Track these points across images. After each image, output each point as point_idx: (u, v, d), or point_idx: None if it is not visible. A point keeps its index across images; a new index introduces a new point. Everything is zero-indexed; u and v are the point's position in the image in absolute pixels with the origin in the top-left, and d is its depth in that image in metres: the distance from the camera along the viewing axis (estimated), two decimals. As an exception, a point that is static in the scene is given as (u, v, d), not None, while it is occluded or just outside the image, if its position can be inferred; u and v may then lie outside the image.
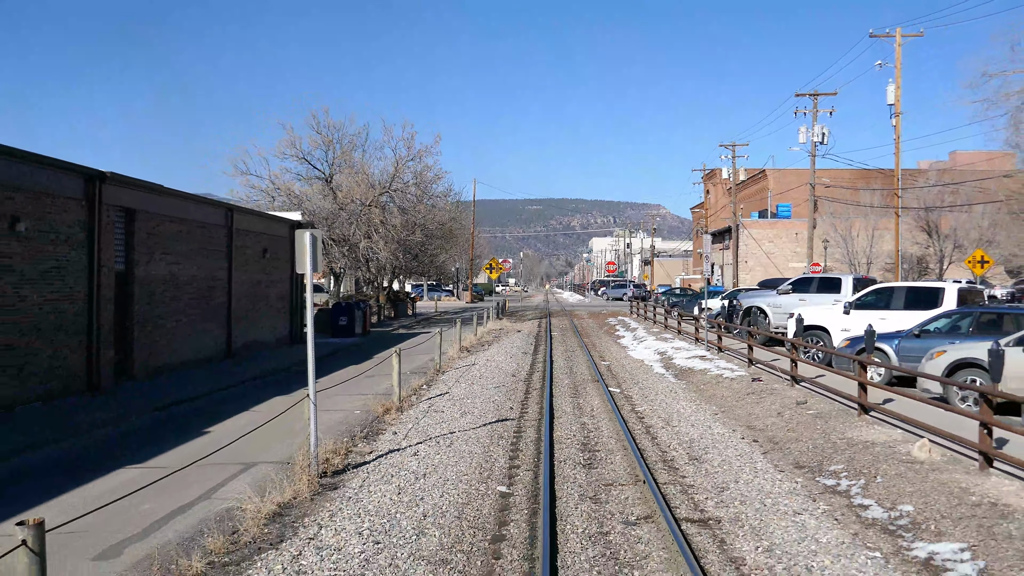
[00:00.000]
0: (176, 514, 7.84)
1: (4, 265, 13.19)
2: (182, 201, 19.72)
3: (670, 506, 7.68)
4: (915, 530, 6.77)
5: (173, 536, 7.11)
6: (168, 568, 6.21)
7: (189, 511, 7.93)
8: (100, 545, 6.90)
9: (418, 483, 8.66)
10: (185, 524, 7.49)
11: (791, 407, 12.28)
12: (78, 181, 15.28)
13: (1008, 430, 8.30)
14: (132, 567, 6.39)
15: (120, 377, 16.71)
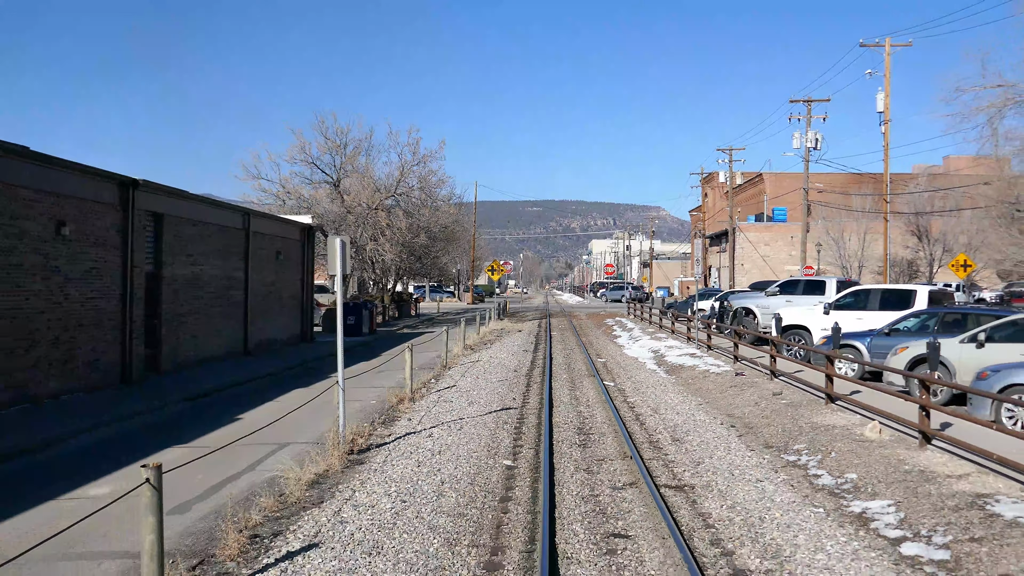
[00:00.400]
0: (227, 482, 9.16)
1: (52, 266, 14.52)
2: (204, 205, 21.06)
3: (652, 475, 9.01)
4: (855, 492, 8.11)
5: (229, 498, 8.41)
6: (232, 519, 7.52)
7: (238, 480, 9.25)
8: (170, 504, 8.20)
9: (434, 458, 9.98)
10: (237, 489, 8.81)
11: (768, 398, 13.62)
12: (114, 188, 16.62)
13: (944, 412, 9.64)
14: (202, 519, 7.71)
15: (149, 371, 18.05)
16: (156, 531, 5.56)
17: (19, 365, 13.60)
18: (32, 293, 13.95)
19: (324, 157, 33.71)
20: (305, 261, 28.72)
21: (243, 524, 7.30)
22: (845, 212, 48.90)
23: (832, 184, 57.38)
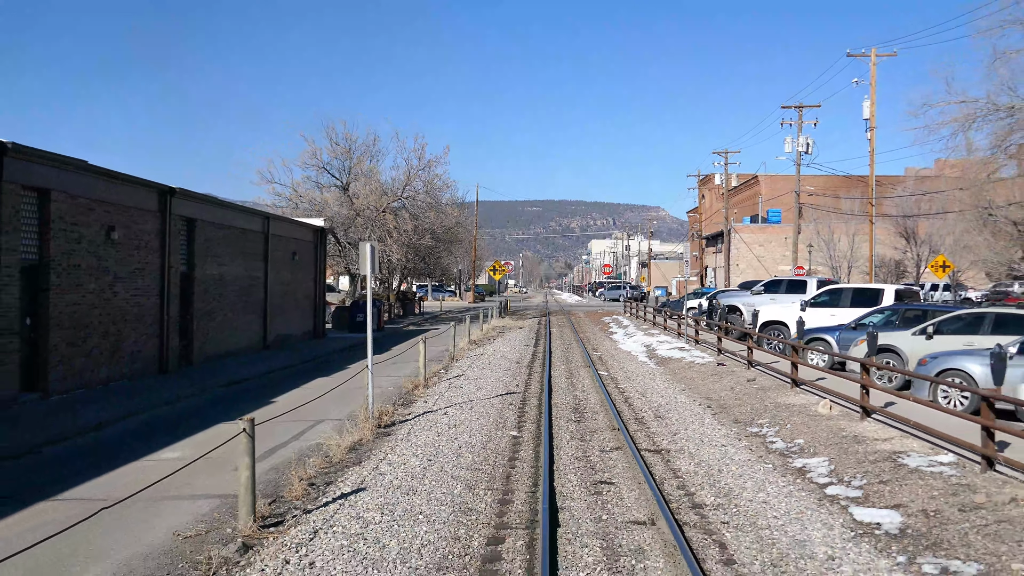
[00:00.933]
0: (278, 448, 10.95)
1: (103, 267, 16.33)
2: (229, 211, 22.87)
3: (635, 442, 10.81)
4: (800, 453, 9.92)
5: (283, 459, 10.21)
6: (293, 471, 9.31)
7: (287, 447, 11.04)
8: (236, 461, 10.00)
9: (451, 430, 11.79)
10: (288, 453, 10.60)
11: (743, 384, 15.44)
12: (154, 195, 18.43)
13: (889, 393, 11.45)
14: (266, 472, 9.50)
15: (182, 362, 19.86)
16: (250, 469, 7.37)
17: (78, 355, 15.41)
18: (88, 291, 15.76)
19: (333, 162, 35.59)
20: (317, 262, 30.53)
21: (302, 475, 9.09)
22: (835, 214, 50.72)
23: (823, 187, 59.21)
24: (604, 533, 7.08)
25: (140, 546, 6.94)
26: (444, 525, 7.32)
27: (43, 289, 14.52)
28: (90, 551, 6.76)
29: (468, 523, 7.40)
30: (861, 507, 7.69)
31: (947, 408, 10.65)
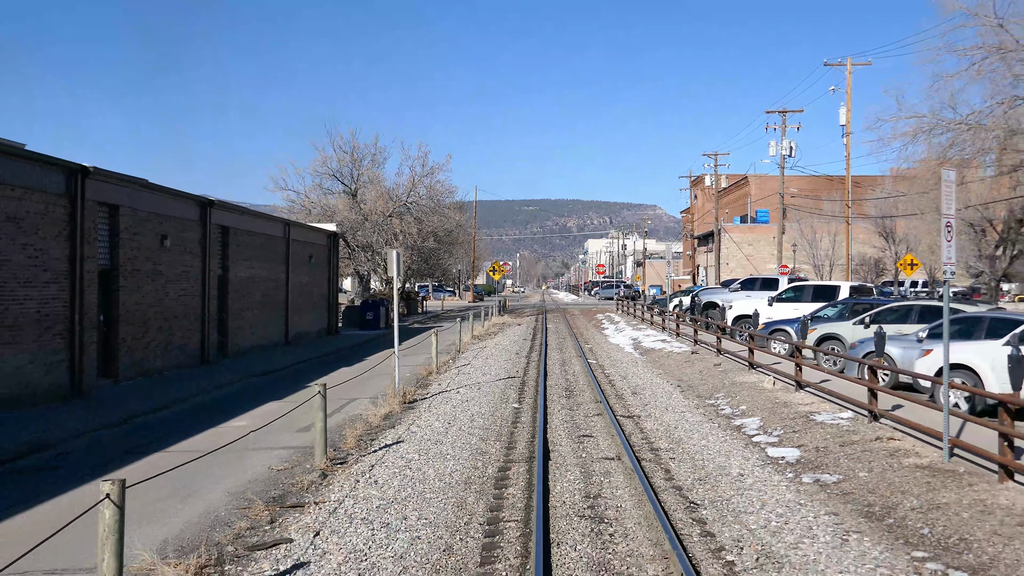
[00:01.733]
0: (340, 409, 13.65)
1: (158, 271, 19.03)
2: (257, 219, 25.59)
3: (613, 411, 13.55)
4: (741, 416, 12.68)
5: (332, 425, 12.86)
6: (342, 432, 12.00)
7: (331, 418, 13.70)
8: (294, 427, 12.71)
9: (463, 404, 14.52)
10: (333, 422, 13.27)
11: (710, 368, 18.21)
12: (196, 207, 21.13)
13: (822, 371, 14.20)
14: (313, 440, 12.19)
15: (219, 354, 22.57)
16: (323, 420, 10.09)
17: (139, 347, 18.12)
18: (147, 292, 18.47)
19: (342, 169, 38.31)
20: (331, 264, 33.24)
21: (352, 434, 11.81)
22: (818, 215, 53.50)
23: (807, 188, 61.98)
24: (583, 464, 9.82)
25: (246, 475, 9.67)
26: (466, 461, 10.05)
27: (114, 291, 17.23)
28: (210, 479, 9.48)
29: (483, 460, 10.13)
30: (774, 448, 10.43)
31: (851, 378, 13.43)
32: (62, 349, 15.31)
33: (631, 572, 6.22)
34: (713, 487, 8.70)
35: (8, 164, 13.83)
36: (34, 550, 5.21)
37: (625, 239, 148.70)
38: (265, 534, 7.33)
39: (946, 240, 9.48)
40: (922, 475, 8.41)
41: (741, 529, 7.25)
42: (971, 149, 21.74)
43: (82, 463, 10.54)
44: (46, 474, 10.04)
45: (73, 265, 15.53)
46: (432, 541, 6.99)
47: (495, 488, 8.77)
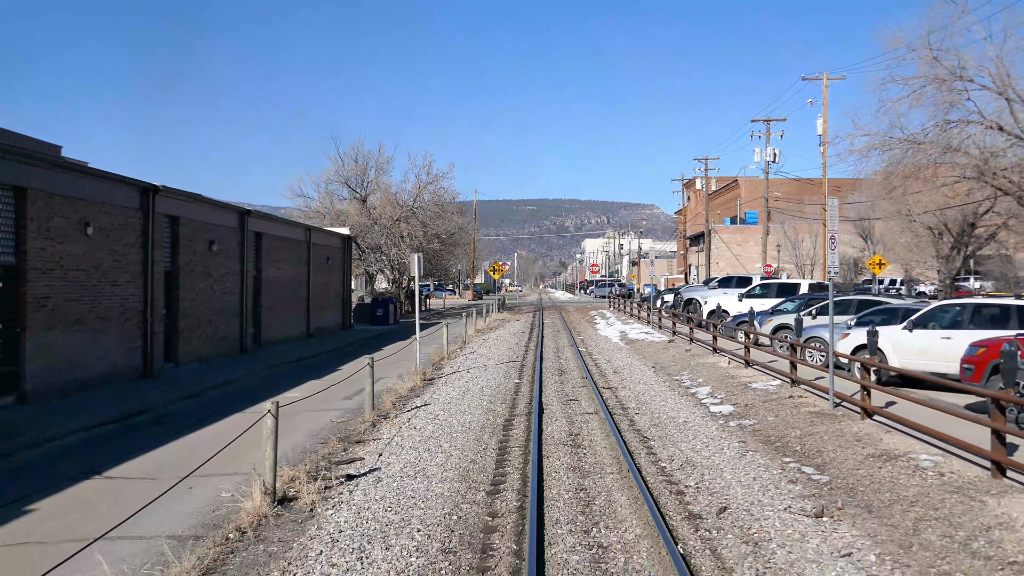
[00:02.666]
0: (359, 392, 16.88)
1: (206, 272, 22.26)
2: (284, 225, 28.83)
3: (596, 384, 16.82)
4: (697, 386, 15.96)
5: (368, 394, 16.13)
6: (380, 399, 15.23)
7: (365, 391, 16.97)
8: (339, 397, 15.95)
9: (474, 380, 17.78)
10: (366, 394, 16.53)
11: (682, 353, 21.49)
12: (235, 215, 24.37)
13: (765, 352, 17.47)
14: (360, 401, 15.46)
15: (254, 345, 25.80)
16: (371, 386, 13.35)
17: (193, 337, 21.35)
18: (198, 291, 21.71)
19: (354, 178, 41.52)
20: (345, 265, 36.48)
21: (387, 399, 15.06)
22: (800, 218, 56.81)
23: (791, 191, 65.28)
24: (569, 417, 13.10)
25: (316, 424, 12.92)
26: (480, 415, 13.31)
27: (175, 289, 20.47)
28: (290, 427, 12.70)
29: (492, 416, 13.39)
30: (715, 405, 13.71)
31: (809, 363, 16.67)
32: (137, 337, 18.56)
33: (597, 471, 9.47)
34: (663, 429, 11.98)
35: (101, 184, 17.08)
36: (204, 464, 8.46)
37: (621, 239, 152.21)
38: (343, 455, 10.58)
39: (830, 249, 12.71)
40: (810, 418, 11.69)
41: (675, 450, 10.52)
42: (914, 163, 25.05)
43: (180, 420, 13.80)
44: (157, 427, 13.29)
45: (146, 268, 18.77)
46: (461, 458, 10.25)
47: (503, 431, 12.03)
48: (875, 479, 8.47)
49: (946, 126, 23.65)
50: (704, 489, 8.60)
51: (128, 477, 9.86)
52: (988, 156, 23.29)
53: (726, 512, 7.74)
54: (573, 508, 7.92)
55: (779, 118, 53.46)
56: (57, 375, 15.48)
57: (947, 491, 7.73)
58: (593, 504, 8.06)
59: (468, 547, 6.90)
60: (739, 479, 8.90)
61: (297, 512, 8.06)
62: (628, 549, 6.75)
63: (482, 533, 7.25)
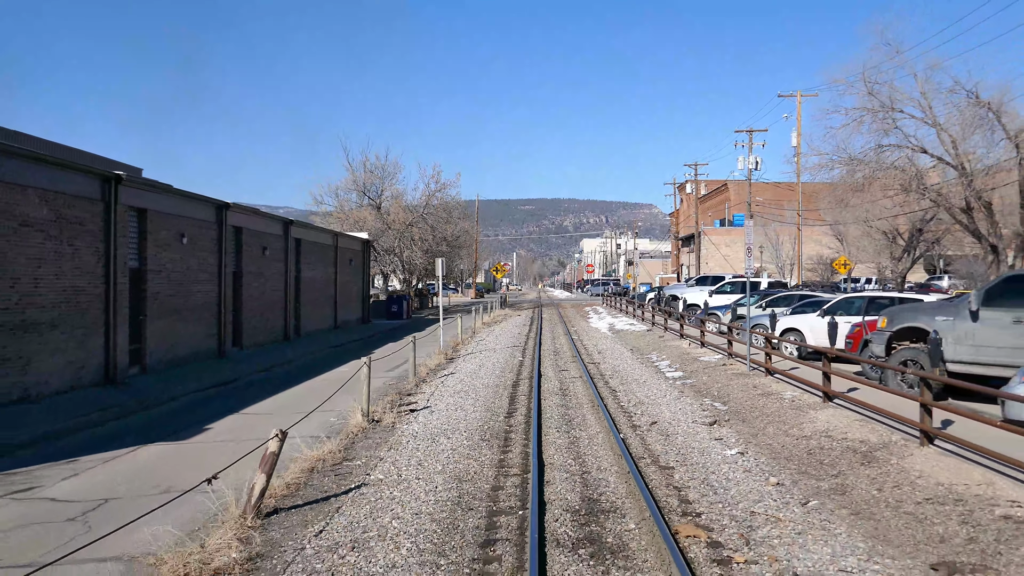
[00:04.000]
0: (397, 367, 21.69)
1: (260, 273, 27.02)
2: (318, 231, 33.61)
3: (583, 360, 21.62)
4: (661, 361, 20.78)
5: (403, 371, 20.90)
6: (416, 372, 19.99)
7: (400, 368, 21.75)
8: (383, 370, 20.70)
9: (486, 359, 22.57)
10: (401, 370, 21.30)
11: (655, 339, 26.31)
12: (281, 225, 29.14)
13: (723, 337, 22.28)
14: (401, 373, 20.23)
15: (295, 335, 30.58)
16: (413, 356, 18.13)
17: (251, 327, 26.12)
18: (254, 288, 26.48)
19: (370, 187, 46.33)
20: (365, 265, 41.26)
21: (422, 371, 19.84)
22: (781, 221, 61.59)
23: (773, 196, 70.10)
24: (560, 380, 17.90)
25: (374, 385, 17.69)
26: (494, 379, 18.09)
27: (238, 287, 25.24)
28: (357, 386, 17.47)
29: (503, 380, 18.17)
30: (670, 372, 18.51)
31: (757, 346, 21.44)
32: (214, 325, 23.33)
33: (577, 406, 14.24)
34: (627, 386, 16.79)
35: (190, 203, 21.85)
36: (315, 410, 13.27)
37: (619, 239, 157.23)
38: (401, 402, 15.36)
39: (748, 256, 17.45)
40: (732, 377, 16.50)
41: (632, 396, 15.33)
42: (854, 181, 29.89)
43: (265, 386, 18.56)
44: (251, 389, 18.06)
45: (220, 269, 23.53)
46: (485, 401, 15.03)
47: (512, 388, 16.83)
48: (754, 406, 13.28)
49: (880, 149, 28.46)
50: (645, 415, 13.41)
51: (256, 414, 14.65)
52: (914, 175, 28.08)
53: (655, 424, 12.54)
54: (560, 423, 12.71)
55: (761, 129, 58.54)
56: (165, 353, 20.26)
57: (791, 409, 12.53)
58: (572, 421, 12.87)
59: (496, 438, 11.67)
60: (670, 409, 13.71)
61: (384, 427, 12.84)
62: (591, 439, 11.53)
63: (503, 434, 12.02)
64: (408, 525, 7.52)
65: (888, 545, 6.76)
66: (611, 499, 8.33)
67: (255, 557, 6.78)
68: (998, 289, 13.06)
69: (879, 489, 8.18)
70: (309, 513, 8.05)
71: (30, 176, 15.01)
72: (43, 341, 15.38)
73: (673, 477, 9.28)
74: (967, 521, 6.93)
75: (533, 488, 8.42)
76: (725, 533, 7.24)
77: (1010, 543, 6.36)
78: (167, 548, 6.78)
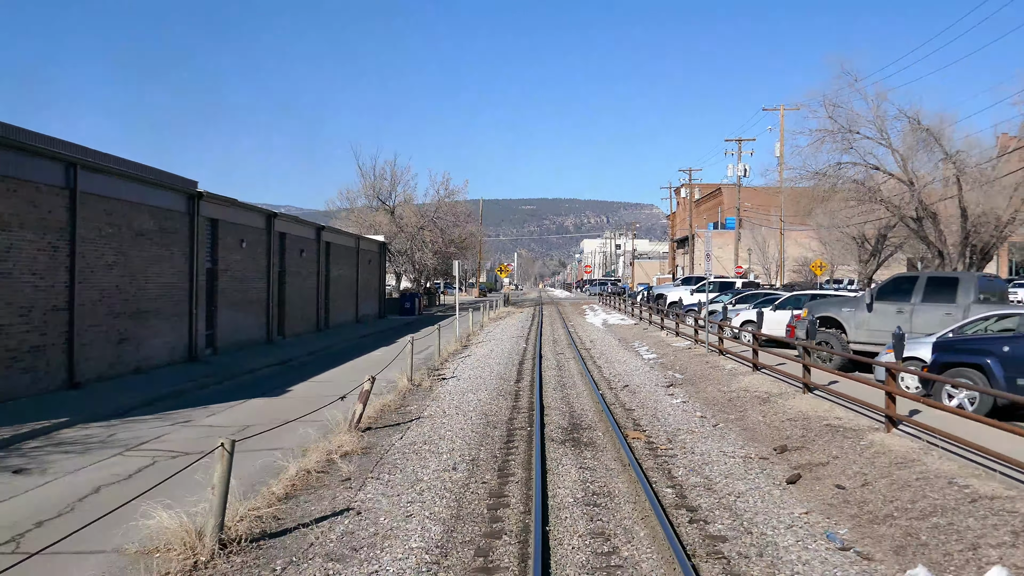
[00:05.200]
0: (422, 352, 26.06)
1: (299, 272, 31.41)
2: (345, 236, 38.05)
3: (576, 347, 26.01)
4: (641, 347, 25.20)
5: (429, 354, 25.25)
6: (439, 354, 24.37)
7: (425, 351, 26.12)
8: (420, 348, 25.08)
9: (496, 345, 26.98)
10: (426, 354, 25.67)
11: (640, 331, 30.72)
12: (314, 230, 33.55)
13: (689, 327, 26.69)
14: (427, 355, 24.64)
15: (325, 327, 34.99)
16: (438, 342, 22.55)
17: (291, 319, 30.54)
18: (294, 286, 30.89)
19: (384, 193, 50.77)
20: (381, 266, 45.67)
21: (444, 354, 24.24)
22: (768, 226, 65.98)
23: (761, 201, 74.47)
24: (557, 359, 22.30)
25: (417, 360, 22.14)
26: (504, 359, 22.49)
27: (282, 285, 29.65)
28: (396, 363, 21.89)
29: (512, 359, 22.56)
30: (647, 354, 22.90)
31: (726, 335, 25.82)
32: (263, 316, 27.73)
33: (569, 376, 18.62)
34: (611, 365, 21.17)
35: (246, 213, 26.24)
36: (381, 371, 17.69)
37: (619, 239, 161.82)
38: (434, 372, 19.74)
39: (707, 260, 21.82)
40: (694, 357, 20.90)
41: (613, 371, 19.72)
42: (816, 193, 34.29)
43: (315, 365, 22.93)
44: (309, 366, 22.44)
45: (268, 270, 27.94)
46: (498, 373, 19.41)
47: (518, 365, 21.22)
48: (702, 374, 17.69)
49: (839, 166, 32.86)
50: (620, 381, 17.81)
51: (320, 382, 19.03)
52: (868, 189, 32.47)
53: (627, 387, 16.94)
54: (555, 386, 17.10)
55: (749, 138, 62.96)
56: (229, 338, 24.66)
57: (728, 376, 16.92)
58: (565, 385, 17.27)
59: (509, 395, 16.06)
60: (640, 378, 18.11)
61: (424, 388, 17.24)
62: (578, 395, 15.92)
63: (514, 392, 16.39)
64: (456, 434, 11.92)
65: (755, 442, 11.15)
66: (588, 423, 12.73)
67: (365, 448, 11.16)
68: (887, 287, 17.47)
69: (763, 416, 12.57)
70: (390, 430, 12.46)
71: (143, 195, 19.43)
72: (149, 326, 19.79)
73: (632, 414, 13.69)
74: (804, 428, 11.31)
75: (536, 418, 12.81)
76: (657, 438, 11.64)
77: (821, 437, 10.74)
78: (311, 443, 11.14)
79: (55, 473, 9.82)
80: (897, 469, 8.66)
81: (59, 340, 16.12)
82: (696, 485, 9.06)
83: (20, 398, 14.73)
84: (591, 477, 9.33)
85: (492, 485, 9.03)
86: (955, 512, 7.13)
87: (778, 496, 8.55)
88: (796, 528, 7.46)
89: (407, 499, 8.47)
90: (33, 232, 15.27)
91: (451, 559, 6.68)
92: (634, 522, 7.58)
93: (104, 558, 6.77)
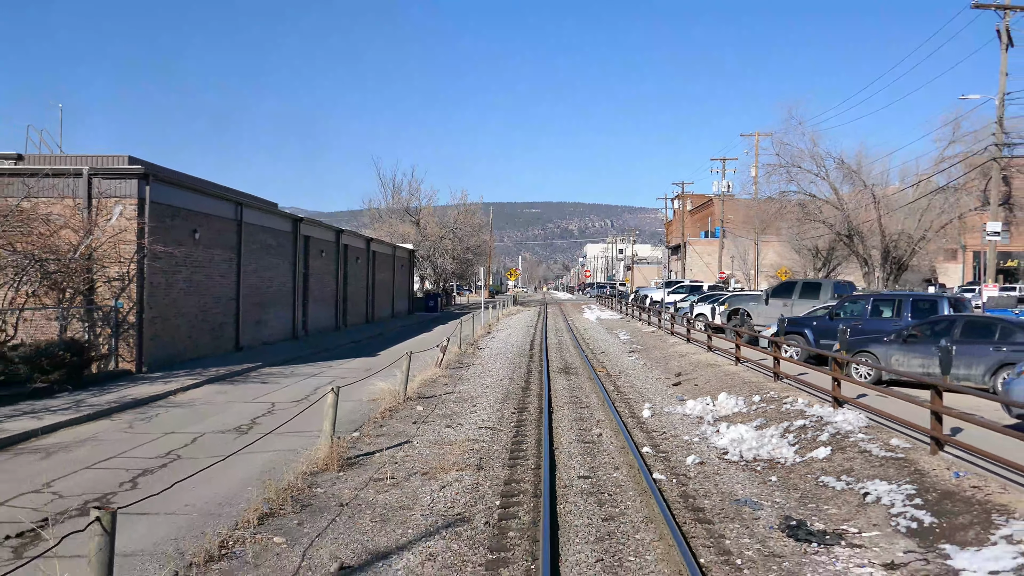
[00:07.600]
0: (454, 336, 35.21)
1: (356, 275, 40.61)
2: (385, 245, 47.31)
3: (574, 336, 35.15)
4: (622, 334, 34.37)
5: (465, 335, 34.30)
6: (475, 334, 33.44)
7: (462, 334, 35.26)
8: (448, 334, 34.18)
9: (511, 334, 36.15)
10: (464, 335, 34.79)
11: (626, 324, 39.91)
12: (364, 241, 42.77)
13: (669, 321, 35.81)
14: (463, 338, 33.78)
15: (370, 319, 44.18)
16: (473, 327, 31.69)
17: (351, 312, 39.70)
18: (352, 287, 40.07)
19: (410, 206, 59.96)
20: (411, 270, 54.86)
21: (473, 338, 33.36)
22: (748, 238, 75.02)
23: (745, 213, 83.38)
24: (558, 340, 31.48)
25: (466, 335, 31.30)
26: (518, 346, 31.65)
27: (346, 285, 38.82)
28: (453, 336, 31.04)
29: (525, 340, 31.71)
30: (624, 337, 32.02)
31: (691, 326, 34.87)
32: (334, 308, 36.90)
33: (567, 351, 27.74)
34: (596, 343, 30.31)
35: (320, 228, 35.43)
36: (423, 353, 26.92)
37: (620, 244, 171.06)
38: (473, 343, 28.86)
39: (665, 269, 30.86)
40: (654, 337, 30.03)
41: (597, 347, 28.90)
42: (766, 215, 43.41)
43: (382, 342, 32.08)
44: (373, 344, 31.60)
45: (337, 273, 37.12)
46: (517, 347, 28.56)
47: (531, 343, 30.39)
48: (655, 346, 26.83)
49: (783, 195, 41.98)
50: (599, 348, 27.02)
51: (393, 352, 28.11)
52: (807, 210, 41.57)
53: (603, 352, 26.13)
54: (557, 351, 26.26)
55: (732, 157, 71.87)
56: (314, 325, 33.84)
57: (671, 347, 26.03)
58: (563, 351, 26.47)
59: (525, 356, 25.23)
60: (613, 349, 27.29)
61: (469, 354, 26.40)
62: (570, 355, 25.12)
63: (528, 356, 25.53)
64: (497, 370, 21.11)
65: (667, 372, 20.33)
66: (575, 367, 21.90)
67: (449, 375, 20.30)
68: (778, 289, 26.59)
69: (677, 363, 21.71)
70: (460, 368, 21.65)
71: (269, 221, 28.61)
72: (270, 314, 28.95)
73: (602, 363, 22.85)
74: (695, 366, 20.47)
75: (544, 363, 21.95)
76: (614, 371, 20.82)
77: (699, 368, 19.85)
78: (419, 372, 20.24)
79: (286, 385, 18.94)
80: (727, 377, 17.77)
81: (231, 320, 25.30)
82: (627, 386, 18.22)
83: (212, 356, 23.92)
84: (574, 383, 18.51)
85: (521, 385, 18.21)
86: (723, 379, 16.24)
87: (664, 388, 17.74)
88: (664, 394, 16.61)
89: (480, 390, 17.61)
90: (221, 249, 24.44)
91: (505, 408, 15.79)
92: (593, 396, 16.72)
93: (354, 403, 15.87)
